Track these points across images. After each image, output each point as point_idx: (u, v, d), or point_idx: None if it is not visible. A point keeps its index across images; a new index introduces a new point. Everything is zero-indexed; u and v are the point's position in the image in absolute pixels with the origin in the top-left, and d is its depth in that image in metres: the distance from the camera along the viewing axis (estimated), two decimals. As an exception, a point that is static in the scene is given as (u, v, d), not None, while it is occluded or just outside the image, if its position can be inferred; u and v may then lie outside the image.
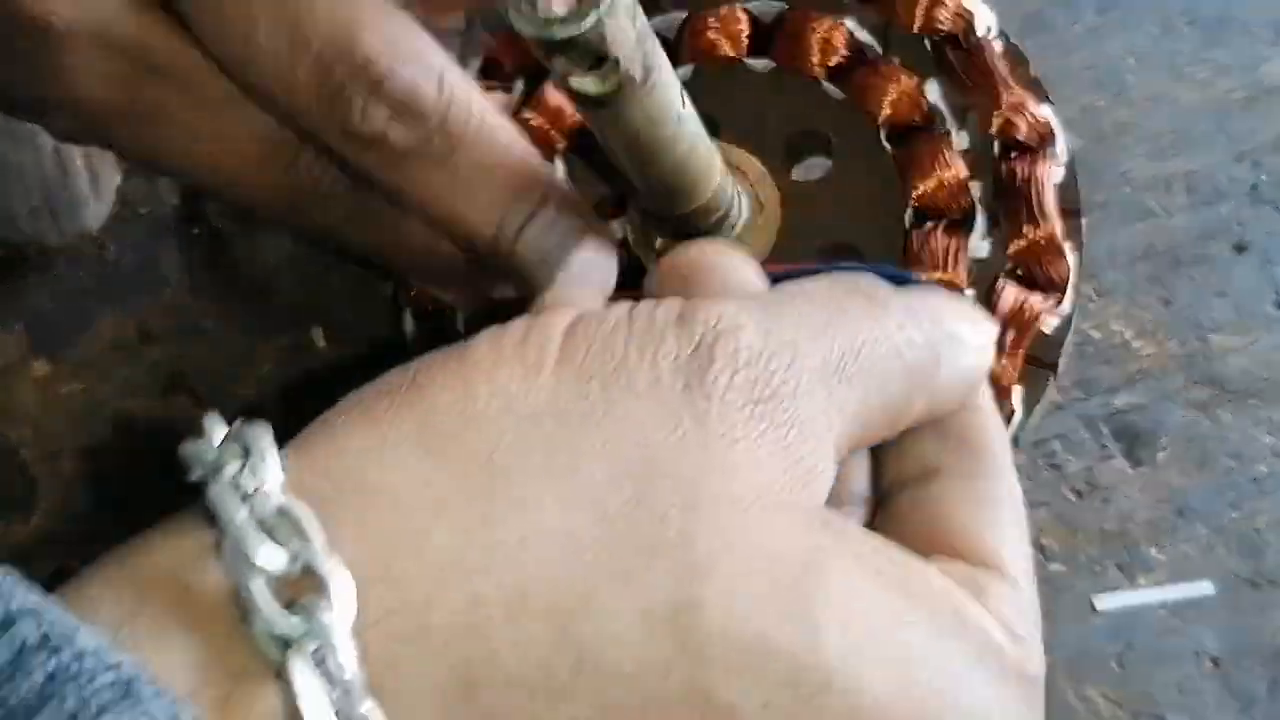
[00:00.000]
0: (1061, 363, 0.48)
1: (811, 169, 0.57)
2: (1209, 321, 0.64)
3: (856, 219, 0.51)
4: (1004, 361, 0.46)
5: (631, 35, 0.32)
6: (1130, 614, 0.61)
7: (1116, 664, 0.60)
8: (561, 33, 0.30)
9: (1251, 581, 0.60)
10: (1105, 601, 0.61)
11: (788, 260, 0.51)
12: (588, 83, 0.33)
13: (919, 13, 0.50)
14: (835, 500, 0.29)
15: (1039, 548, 0.63)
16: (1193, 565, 0.61)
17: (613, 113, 0.35)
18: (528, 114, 0.54)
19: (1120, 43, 0.69)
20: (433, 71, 0.31)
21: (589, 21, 0.30)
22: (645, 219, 0.52)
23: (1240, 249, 0.65)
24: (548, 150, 0.55)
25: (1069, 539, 0.62)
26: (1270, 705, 0.58)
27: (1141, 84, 0.68)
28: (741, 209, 0.50)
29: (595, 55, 0.32)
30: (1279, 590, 0.60)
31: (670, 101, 0.36)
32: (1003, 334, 0.46)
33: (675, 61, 0.54)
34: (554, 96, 0.54)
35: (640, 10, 0.32)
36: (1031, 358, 0.47)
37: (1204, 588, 0.60)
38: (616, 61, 0.32)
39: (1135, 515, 0.62)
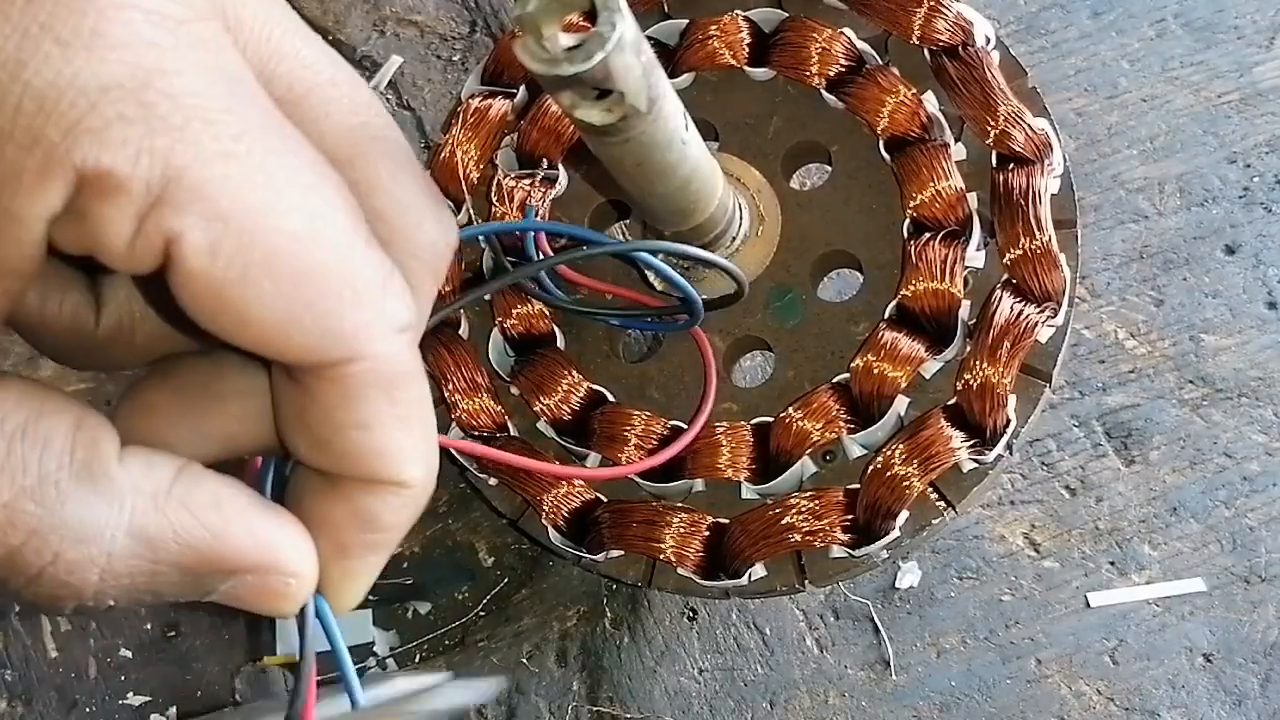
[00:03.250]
0: (1055, 370, 0.48)
1: (810, 178, 0.58)
2: (1201, 321, 0.65)
3: (855, 228, 0.51)
4: (1000, 370, 0.47)
5: (637, 70, 0.32)
6: (1123, 610, 0.62)
7: (1110, 659, 0.62)
8: (569, 69, 0.31)
9: (1244, 578, 0.61)
10: (1098, 598, 0.62)
11: (785, 270, 0.52)
12: (594, 114, 0.33)
13: (917, 23, 0.50)
14: None
15: (1032, 544, 0.63)
16: (1185, 562, 0.62)
17: (618, 141, 0.35)
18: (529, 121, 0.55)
19: (1114, 46, 0.69)
20: None
21: (596, 59, 0.30)
22: (646, 229, 0.52)
23: (1231, 250, 0.65)
24: (549, 157, 0.55)
25: (1062, 536, 0.63)
26: (1262, 701, 0.59)
27: (1134, 87, 0.68)
28: (742, 220, 0.51)
29: (601, 89, 0.32)
30: (1271, 586, 0.61)
31: (674, 129, 0.36)
32: (999, 344, 0.47)
33: (675, 69, 0.55)
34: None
35: (646, 44, 0.33)
36: (1027, 367, 0.47)
37: (1196, 584, 0.62)
38: (622, 95, 0.32)
39: (1128, 512, 0.63)
